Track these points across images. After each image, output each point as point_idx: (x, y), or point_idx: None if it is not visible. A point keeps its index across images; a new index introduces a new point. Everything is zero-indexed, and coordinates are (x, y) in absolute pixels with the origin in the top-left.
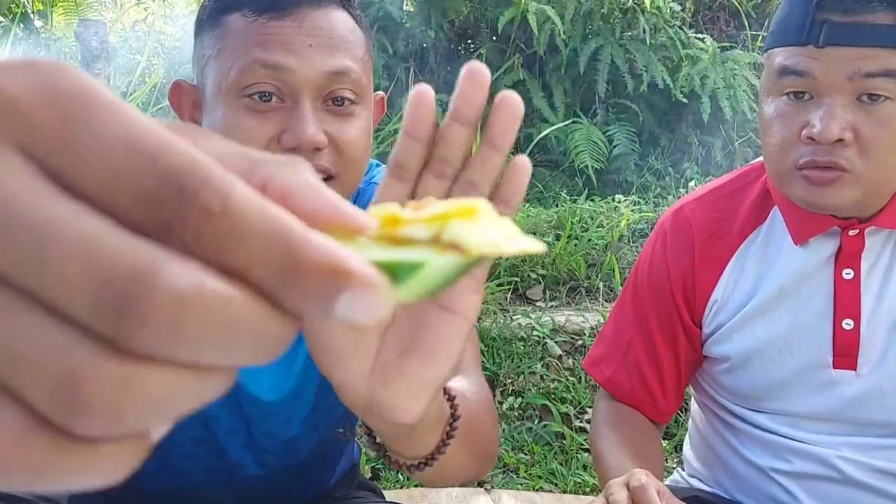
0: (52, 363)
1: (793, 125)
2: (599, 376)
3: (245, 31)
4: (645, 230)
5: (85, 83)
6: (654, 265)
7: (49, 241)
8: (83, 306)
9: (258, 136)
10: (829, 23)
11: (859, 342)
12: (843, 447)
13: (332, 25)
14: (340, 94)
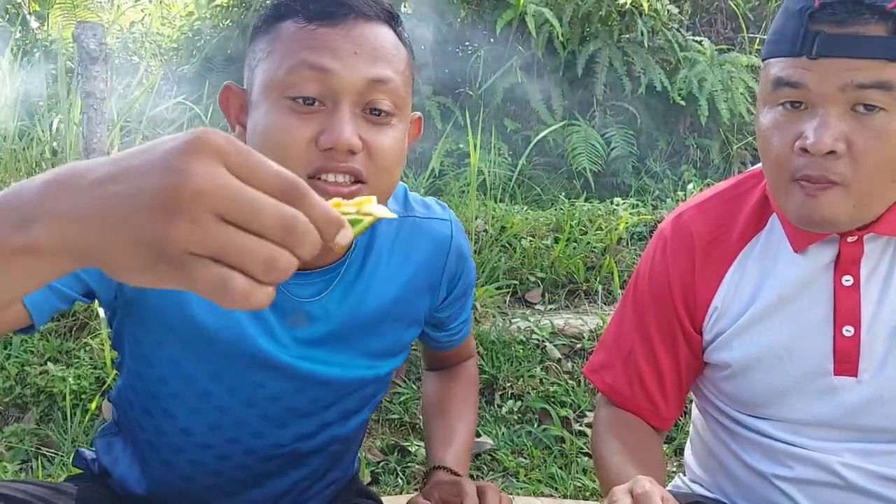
0: (263, 252)
1: (787, 136)
2: (600, 383)
3: (296, 35)
4: (643, 233)
5: (236, 142)
6: (655, 272)
7: (259, 204)
8: (273, 232)
9: (299, 136)
10: (822, 34)
11: (860, 349)
12: (845, 453)
13: (377, 38)
14: (379, 103)
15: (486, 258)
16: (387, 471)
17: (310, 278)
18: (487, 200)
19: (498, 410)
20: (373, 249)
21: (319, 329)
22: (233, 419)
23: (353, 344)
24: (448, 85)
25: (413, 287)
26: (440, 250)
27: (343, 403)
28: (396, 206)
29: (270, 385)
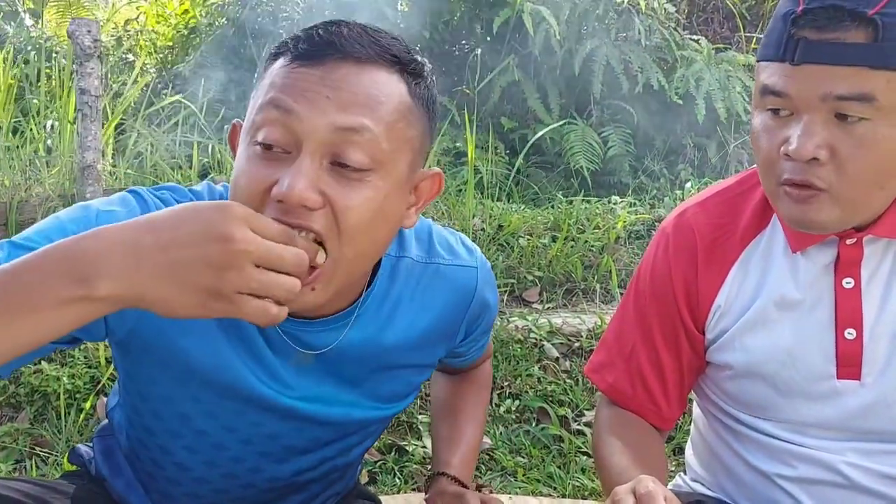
0: (287, 284)
1: (774, 140)
2: (602, 383)
3: (278, 75)
4: (641, 232)
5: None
6: (657, 270)
7: (281, 252)
8: (293, 268)
9: (256, 182)
10: (804, 40)
11: (862, 352)
12: (849, 452)
13: (362, 83)
14: (347, 156)
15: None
16: (384, 470)
17: (314, 327)
18: (485, 199)
19: (496, 409)
20: (391, 295)
21: (327, 370)
22: (230, 456)
23: (360, 387)
24: (445, 83)
25: (431, 335)
26: (463, 300)
27: (345, 441)
28: (420, 251)
29: (269, 425)
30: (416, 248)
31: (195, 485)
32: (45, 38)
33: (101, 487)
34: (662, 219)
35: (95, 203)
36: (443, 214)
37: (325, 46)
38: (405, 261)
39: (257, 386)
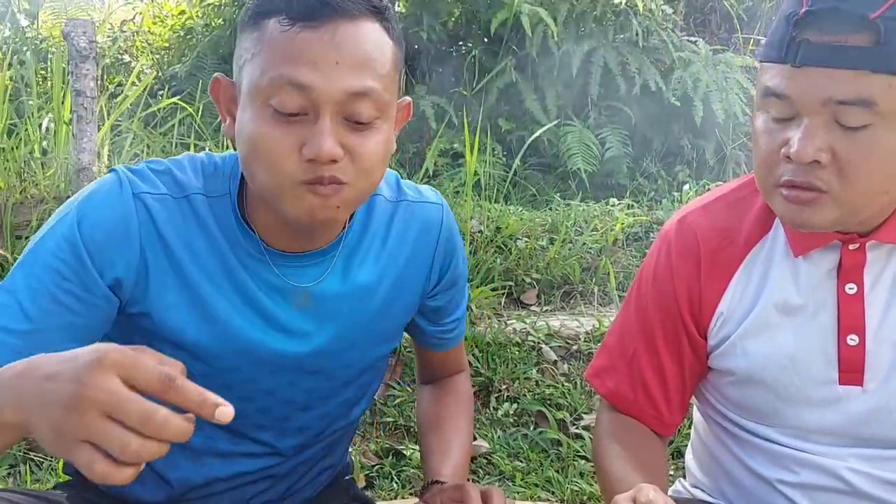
0: (120, 439)
1: (775, 142)
2: (602, 387)
3: (279, 40)
4: (639, 234)
5: (130, 353)
6: (659, 275)
7: (128, 404)
8: (135, 423)
9: (283, 146)
10: (806, 42)
11: (865, 358)
12: (851, 458)
13: (360, 41)
14: (360, 114)
15: (482, 259)
16: (381, 475)
17: (304, 261)
18: (482, 201)
19: (493, 413)
20: (368, 232)
21: (325, 312)
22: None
23: (356, 326)
24: (442, 84)
25: (409, 268)
26: (431, 232)
27: (342, 394)
28: (389, 192)
29: (263, 380)
30: (386, 189)
31: (192, 465)
32: (41, 38)
33: (95, 494)
34: (661, 221)
35: (71, 216)
36: None
37: (322, 6)
38: (378, 198)
39: (253, 335)
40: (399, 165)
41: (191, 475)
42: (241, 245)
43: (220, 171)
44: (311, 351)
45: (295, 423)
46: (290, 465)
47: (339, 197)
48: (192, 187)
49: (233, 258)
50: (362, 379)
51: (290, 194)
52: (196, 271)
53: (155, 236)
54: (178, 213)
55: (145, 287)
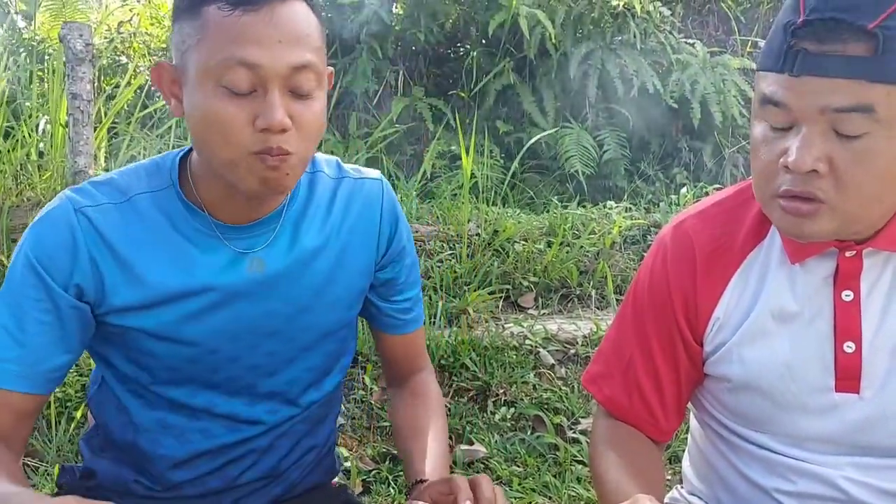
0: None
1: (773, 152)
2: (599, 394)
3: (223, 24)
4: (636, 237)
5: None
6: (655, 281)
7: None
8: None
9: (237, 120)
10: (804, 52)
11: (861, 365)
12: (848, 467)
13: (295, 20)
14: (302, 86)
15: (479, 262)
16: (378, 480)
17: (252, 230)
18: (480, 204)
19: (491, 417)
20: (312, 203)
21: (271, 275)
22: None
23: (304, 288)
24: (440, 86)
25: (354, 237)
26: (374, 205)
27: (306, 358)
28: (331, 171)
29: (225, 349)
30: (327, 168)
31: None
32: (38, 39)
33: (84, 490)
34: (658, 224)
35: (25, 243)
36: (437, 219)
37: None
38: (320, 175)
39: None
40: (397, 167)
41: (174, 451)
42: (190, 225)
43: (161, 167)
44: (265, 311)
45: (263, 388)
46: (270, 438)
47: (288, 165)
48: (134, 190)
49: (183, 241)
50: (325, 346)
51: (243, 164)
52: (145, 266)
53: (101, 243)
54: (120, 218)
55: (103, 291)
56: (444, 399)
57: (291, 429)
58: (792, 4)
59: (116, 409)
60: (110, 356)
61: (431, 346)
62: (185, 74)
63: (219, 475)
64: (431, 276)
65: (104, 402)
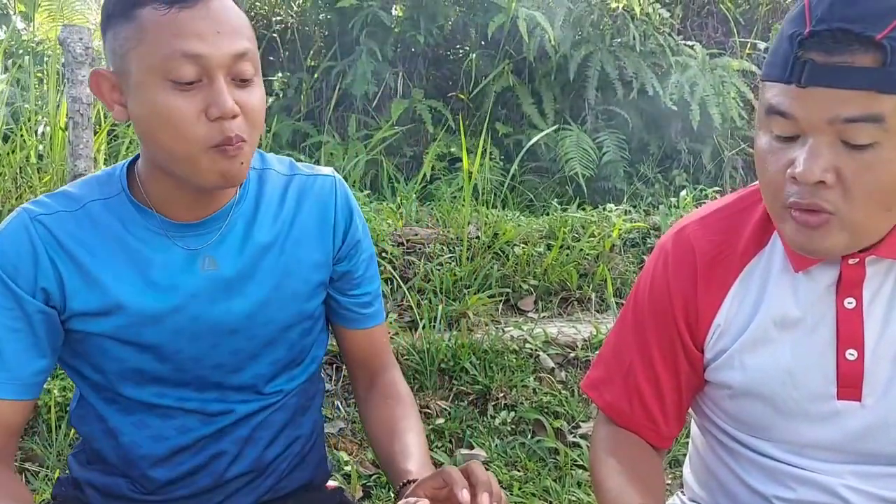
0: None
1: (780, 162)
2: (599, 400)
3: (161, 22)
4: (636, 239)
5: None
6: (655, 287)
7: None
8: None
9: (190, 112)
10: (812, 63)
11: (863, 373)
12: (848, 475)
13: (228, 12)
14: (244, 72)
15: (479, 265)
16: (379, 484)
17: (204, 227)
18: (480, 206)
19: (491, 421)
20: (263, 199)
21: (226, 272)
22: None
23: (260, 283)
24: (440, 88)
25: (308, 231)
26: (328, 200)
27: (271, 353)
28: (283, 168)
29: (187, 348)
30: (278, 165)
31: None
32: (37, 41)
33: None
34: (658, 226)
35: None
36: (437, 221)
37: None
38: (269, 172)
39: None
40: (397, 169)
41: (154, 450)
42: (142, 227)
43: (111, 175)
44: (223, 309)
45: (232, 382)
46: (248, 429)
47: (243, 153)
48: (86, 198)
49: (136, 244)
50: (289, 339)
51: (203, 159)
52: (101, 271)
53: (58, 248)
54: (75, 224)
55: (64, 295)
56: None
57: (269, 418)
58: (797, 15)
59: (96, 420)
60: (80, 367)
61: (432, 349)
62: (127, 78)
63: (205, 472)
64: (431, 280)
65: (84, 415)
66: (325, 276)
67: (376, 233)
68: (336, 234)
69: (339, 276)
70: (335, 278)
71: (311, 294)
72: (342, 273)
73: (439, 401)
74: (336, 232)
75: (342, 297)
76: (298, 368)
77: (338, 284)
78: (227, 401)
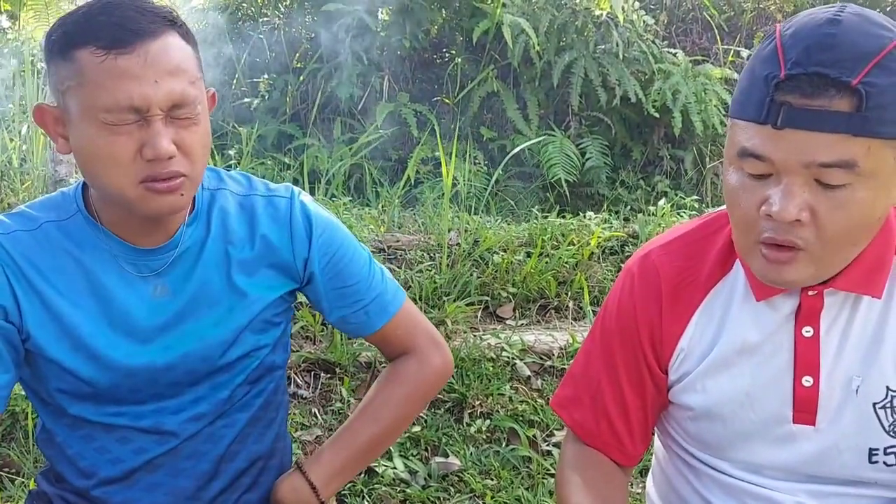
0: None
1: (753, 199)
2: (567, 419)
3: (100, 68)
4: (615, 248)
5: None
6: (622, 310)
7: None
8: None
9: (125, 151)
10: (788, 105)
11: (818, 398)
12: (802, 493)
13: (169, 54)
14: (183, 112)
15: (459, 272)
16: (353, 493)
17: (154, 254)
18: (462, 213)
19: (466, 429)
20: (213, 224)
21: (176, 296)
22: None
23: (217, 307)
24: (425, 92)
25: (263, 258)
26: (283, 223)
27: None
28: (238, 188)
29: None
30: (233, 184)
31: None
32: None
33: None
34: (636, 235)
35: None
36: (419, 227)
37: (129, 34)
38: (223, 192)
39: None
40: (382, 173)
41: (109, 471)
42: (99, 249)
43: (66, 196)
44: (179, 332)
45: (187, 401)
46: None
47: (182, 186)
48: (42, 219)
49: (92, 265)
50: (246, 339)
51: (135, 193)
52: (55, 295)
53: (15, 268)
54: (33, 242)
55: (20, 313)
56: None
57: (226, 433)
58: (769, 56)
59: (57, 444)
60: (39, 390)
61: None
62: (68, 113)
63: (164, 490)
64: (411, 286)
65: (47, 439)
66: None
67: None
68: (296, 259)
69: (325, 291)
70: (321, 295)
71: (277, 316)
72: (327, 288)
73: None
74: (296, 256)
75: (345, 311)
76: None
77: (334, 300)
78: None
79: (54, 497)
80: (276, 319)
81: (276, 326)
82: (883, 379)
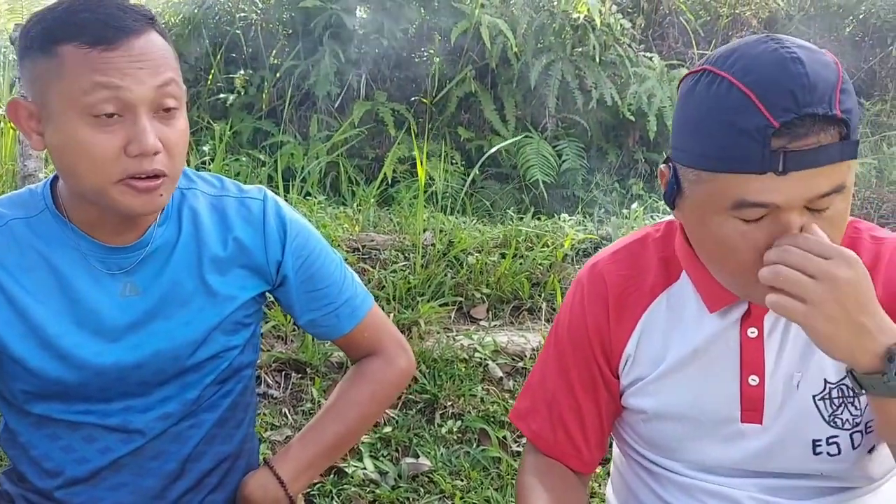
0: None
1: (752, 243)
2: (526, 429)
3: (83, 60)
4: (588, 250)
5: None
6: (574, 319)
7: None
8: None
9: (109, 148)
10: (787, 151)
11: (764, 397)
12: (752, 488)
13: (151, 48)
14: (167, 103)
15: (433, 273)
16: (322, 493)
17: (124, 253)
18: (437, 213)
19: (438, 430)
20: (184, 224)
21: (145, 296)
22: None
23: (183, 306)
24: (402, 91)
25: (233, 254)
26: (255, 223)
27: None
28: (209, 187)
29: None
30: (205, 185)
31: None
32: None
33: None
34: (609, 237)
35: None
36: (394, 227)
37: (112, 30)
38: (194, 192)
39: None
40: (358, 171)
41: (74, 471)
42: (67, 247)
43: (34, 193)
44: (148, 332)
45: (154, 400)
46: (176, 443)
47: (161, 186)
48: (9, 216)
49: (60, 264)
50: (216, 340)
51: (115, 191)
52: (20, 294)
53: None
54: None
55: None
56: (391, 411)
57: (192, 434)
58: (741, 105)
59: (20, 444)
60: (2, 389)
61: None
62: (46, 108)
63: (130, 489)
64: (385, 286)
65: (9, 439)
66: (257, 297)
67: (331, 239)
68: (269, 262)
69: (297, 294)
70: (293, 298)
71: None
72: (300, 291)
73: (388, 409)
74: (269, 258)
75: (315, 314)
76: (227, 385)
77: (302, 302)
78: (153, 419)
79: (17, 497)
80: (246, 321)
81: (247, 328)
82: (821, 373)
